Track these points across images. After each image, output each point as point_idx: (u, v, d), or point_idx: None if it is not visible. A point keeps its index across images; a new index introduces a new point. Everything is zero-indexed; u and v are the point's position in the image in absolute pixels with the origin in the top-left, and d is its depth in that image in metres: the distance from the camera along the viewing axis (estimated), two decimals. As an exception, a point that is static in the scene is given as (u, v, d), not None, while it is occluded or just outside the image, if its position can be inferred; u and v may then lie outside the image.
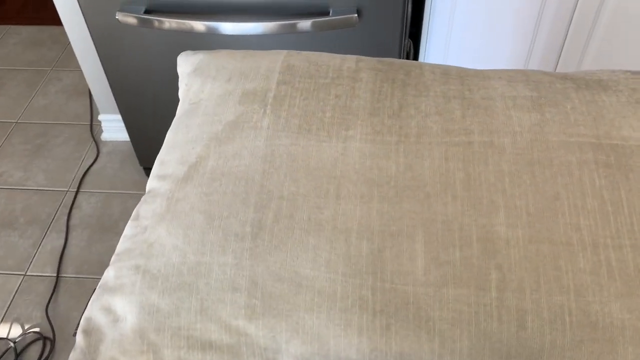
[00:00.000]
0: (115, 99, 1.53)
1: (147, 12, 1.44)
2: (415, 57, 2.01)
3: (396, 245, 0.47)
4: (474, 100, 0.56)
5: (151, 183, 0.56)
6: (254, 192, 0.51)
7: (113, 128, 1.71)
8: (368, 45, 1.63)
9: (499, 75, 0.60)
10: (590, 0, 1.67)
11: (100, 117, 1.67)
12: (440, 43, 1.86)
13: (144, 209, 0.53)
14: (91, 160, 1.63)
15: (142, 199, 0.55)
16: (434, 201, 0.49)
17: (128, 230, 0.53)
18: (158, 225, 0.51)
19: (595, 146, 0.52)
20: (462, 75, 0.59)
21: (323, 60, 0.61)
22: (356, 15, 1.50)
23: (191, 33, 1.65)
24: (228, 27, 1.58)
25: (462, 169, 0.51)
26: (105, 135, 1.71)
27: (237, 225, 0.49)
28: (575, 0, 1.65)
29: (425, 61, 1.93)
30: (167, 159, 0.57)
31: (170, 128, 0.60)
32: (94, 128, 1.74)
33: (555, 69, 1.81)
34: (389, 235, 0.47)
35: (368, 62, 0.61)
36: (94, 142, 1.70)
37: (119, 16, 1.35)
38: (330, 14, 1.53)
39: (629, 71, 0.62)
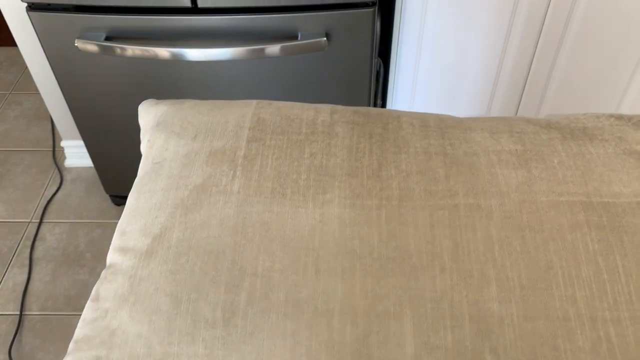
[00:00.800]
0: (77, 126, 1.47)
1: (108, 38, 1.38)
2: (385, 76, 1.99)
3: (383, 329, 0.43)
4: (457, 157, 0.53)
5: (112, 257, 0.51)
6: (225, 268, 0.46)
7: (77, 154, 1.64)
8: (338, 67, 1.60)
9: (480, 126, 0.57)
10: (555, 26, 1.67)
11: (63, 143, 1.60)
12: (410, 62, 1.84)
13: (105, 289, 0.48)
14: (54, 189, 1.56)
15: (102, 275, 0.50)
16: (421, 275, 0.45)
17: (87, 312, 0.48)
18: (120, 309, 0.46)
19: (587, 205, 0.49)
20: (441, 127, 0.56)
21: (295, 112, 0.58)
22: (325, 38, 1.46)
23: (155, 60, 1.59)
24: (194, 54, 1.53)
25: (449, 236, 0.47)
26: (69, 162, 1.64)
27: (207, 309, 0.44)
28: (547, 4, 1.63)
29: (395, 79, 1.91)
30: (128, 229, 0.52)
31: (132, 191, 0.55)
32: (56, 154, 1.67)
33: (523, 89, 1.80)
34: (375, 317, 0.43)
35: (343, 114, 0.57)
36: (57, 169, 1.63)
37: (79, 43, 1.29)
38: (299, 38, 1.50)
39: (613, 116, 0.60)
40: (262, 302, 0.44)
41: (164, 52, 1.55)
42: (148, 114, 0.62)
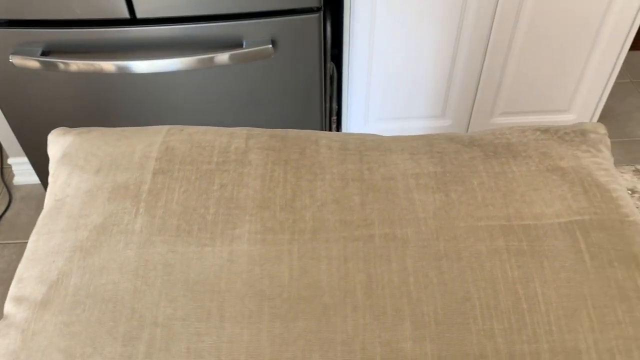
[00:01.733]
0: (20, 143, 1.41)
1: (45, 53, 1.32)
2: (339, 79, 1.97)
3: (290, 377, 0.40)
4: (374, 182, 0.50)
5: (7, 307, 0.47)
6: (123, 318, 0.43)
7: (26, 171, 1.58)
8: (287, 74, 1.57)
9: (401, 147, 0.54)
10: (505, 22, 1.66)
11: (9, 161, 1.53)
12: (363, 65, 1.82)
13: (-6, 345, 0.44)
14: (3, 208, 1.50)
15: (-5, 328, 0.46)
16: (332, 315, 0.42)
17: (-24, 372, 0.44)
18: (8, 368, 0.42)
19: (506, 230, 0.47)
20: (361, 150, 0.54)
21: (208, 139, 0.54)
22: (271, 45, 1.43)
23: (98, 74, 1.53)
24: (141, 66, 1.47)
25: (363, 269, 0.45)
26: (18, 180, 1.58)
27: (103, 365, 0.41)
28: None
29: (349, 83, 1.89)
30: (25, 275, 0.48)
31: (33, 232, 0.51)
32: (4, 172, 1.60)
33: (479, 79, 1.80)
34: (282, 364, 0.41)
35: (259, 139, 0.54)
36: (5, 187, 1.56)
37: (14, 59, 1.23)
38: (244, 46, 1.46)
39: (539, 129, 0.58)
40: (161, 354, 0.41)
41: (109, 65, 1.49)
42: (55, 144, 0.58)
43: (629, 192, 0.65)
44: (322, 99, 1.71)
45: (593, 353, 0.41)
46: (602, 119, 2.56)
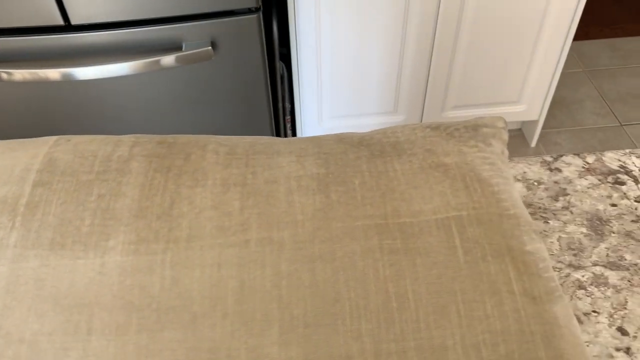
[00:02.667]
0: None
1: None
2: (290, 79, 1.96)
3: (153, 388, 0.40)
4: (256, 187, 0.50)
5: None
6: (-11, 337, 0.42)
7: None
8: (231, 75, 1.56)
9: (289, 150, 0.54)
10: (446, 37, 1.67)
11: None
12: (311, 64, 1.82)
13: None
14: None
15: None
16: (200, 324, 0.42)
17: None
18: None
19: (382, 228, 0.47)
20: (249, 154, 0.53)
21: (92, 148, 0.53)
22: (210, 47, 1.42)
23: (46, 82, 1.50)
24: (89, 72, 1.45)
25: (236, 276, 0.45)
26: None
27: (-37, 386, 0.40)
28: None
29: (300, 82, 1.89)
30: None
31: None
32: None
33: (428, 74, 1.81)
34: (146, 376, 0.40)
35: (145, 147, 0.54)
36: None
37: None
38: (183, 49, 1.45)
39: (430, 126, 0.58)
40: (24, 372, 0.40)
41: (54, 73, 1.47)
42: (-59, 160, 0.56)
43: (535, 183, 0.66)
44: (269, 99, 1.70)
45: (459, 349, 0.42)
46: (554, 108, 2.59)
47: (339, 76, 1.77)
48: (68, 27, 1.39)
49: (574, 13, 1.70)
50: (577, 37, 2.89)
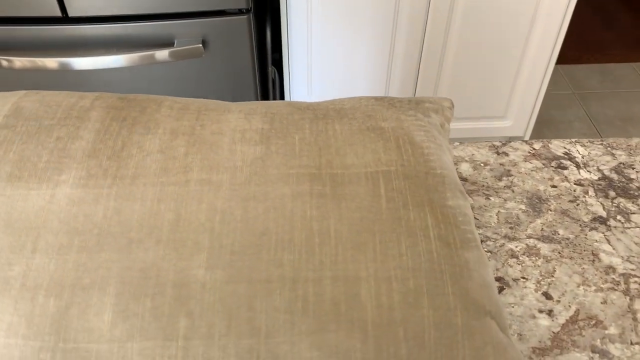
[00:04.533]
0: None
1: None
2: (281, 83, 2.02)
3: (85, 300, 0.43)
4: (202, 136, 0.54)
5: None
6: (-57, 251, 0.46)
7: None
8: (220, 74, 1.61)
9: (240, 109, 0.59)
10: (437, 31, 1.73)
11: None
12: (302, 68, 1.87)
13: None
14: None
15: None
16: (135, 248, 0.46)
17: None
18: None
19: (314, 177, 0.51)
20: (200, 110, 0.58)
21: (58, 100, 0.58)
22: (201, 45, 1.48)
23: (44, 71, 1.56)
24: (85, 63, 1.51)
25: (174, 209, 0.48)
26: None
27: None
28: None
29: (291, 86, 1.94)
30: None
31: None
32: None
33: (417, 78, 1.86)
34: (80, 289, 0.44)
35: (106, 100, 0.58)
36: None
37: None
38: (175, 45, 1.50)
39: (375, 97, 0.63)
40: (-30, 281, 0.44)
41: (52, 62, 1.52)
42: None
43: (481, 164, 0.70)
44: (258, 99, 1.75)
45: (372, 280, 0.45)
46: (543, 126, 2.63)
47: (329, 83, 1.82)
48: (65, 18, 1.46)
49: (557, 35, 1.75)
50: (569, 61, 2.95)
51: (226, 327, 0.43)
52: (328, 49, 1.74)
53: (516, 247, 0.65)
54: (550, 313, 0.59)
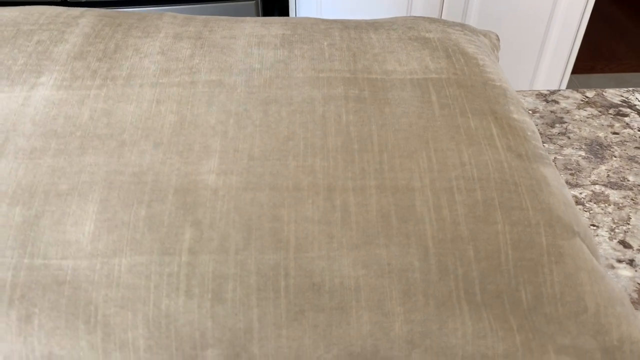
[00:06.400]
0: None
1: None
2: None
3: (61, 209, 0.34)
4: (212, 39, 0.45)
5: None
6: None
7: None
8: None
9: (255, 20, 0.50)
10: None
11: None
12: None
13: None
14: None
15: None
16: (127, 151, 0.36)
17: None
18: None
19: (349, 81, 0.42)
20: (209, 20, 0.49)
21: (42, 9, 0.49)
22: None
23: None
24: None
25: (177, 112, 0.39)
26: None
27: None
28: None
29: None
30: None
31: None
32: None
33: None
34: (55, 197, 0.34)
35: (99, 10, 0.49)
36: None
37: None
38: None
39: (411, 16, 0.54)
40: None
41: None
42: None
43: (530, 112, 0.61)
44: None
45: (428, 191, 0.36)
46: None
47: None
48: (64, 3, 1.39)
49: (572, 44, 1.69)
50: (583, 71, 2.88)
51: (244, 240, 0.32)
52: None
53: (580, 193, 0.55)
54: (631, 263, 0.48)
